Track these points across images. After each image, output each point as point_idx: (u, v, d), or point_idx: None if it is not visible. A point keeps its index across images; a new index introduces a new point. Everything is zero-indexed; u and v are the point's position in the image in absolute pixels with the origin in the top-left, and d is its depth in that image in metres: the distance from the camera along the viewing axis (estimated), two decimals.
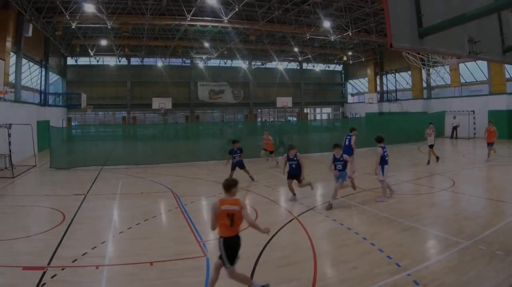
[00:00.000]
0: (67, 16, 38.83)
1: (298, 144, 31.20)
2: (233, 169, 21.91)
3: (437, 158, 27.48)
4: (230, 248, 8.64)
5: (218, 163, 29.12)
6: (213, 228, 8.78)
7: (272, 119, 75.07)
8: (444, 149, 37.37)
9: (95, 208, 16.94)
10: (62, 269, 9.91)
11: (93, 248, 11.55)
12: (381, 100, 66.31)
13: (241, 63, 70.78)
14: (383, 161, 17.69)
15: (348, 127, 27.33)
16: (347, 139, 23.63)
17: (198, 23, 46.79)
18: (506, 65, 42.02)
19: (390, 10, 5.71)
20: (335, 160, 16.66)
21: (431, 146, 27.29)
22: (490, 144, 27.48)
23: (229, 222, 8.64)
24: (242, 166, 22.35)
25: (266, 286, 8.79)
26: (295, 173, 17.66)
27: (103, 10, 38.04)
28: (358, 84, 77.04)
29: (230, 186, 9.12)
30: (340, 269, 10.06)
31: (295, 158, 17.47)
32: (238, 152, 22.13)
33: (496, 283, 8.92)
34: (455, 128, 47.62)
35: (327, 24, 44.71)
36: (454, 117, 47.92)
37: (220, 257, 8.52)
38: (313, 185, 18.35)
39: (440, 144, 40.10)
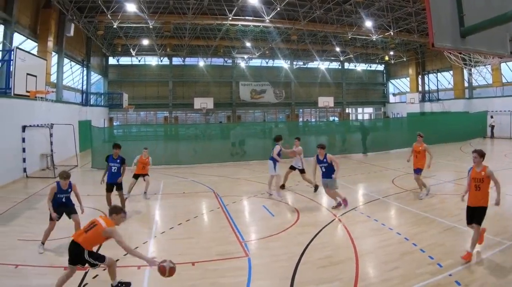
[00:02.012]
0: (108, 15, 39.07)
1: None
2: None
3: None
4: None
5: (260, 163, 29.01)
6: None
7: (314, 119, 74.84)
8: (485, 149, 36.62)
9: (137, 208, 17.04)
10: (104, 270, 9.80)
11: (135, 248, 11.30)
12: (422, 100, 65.68)
13: (282, 63, 70.39)
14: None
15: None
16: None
17: (240, 23, 46.84)
18: None
19: (431, 9, 5.61)
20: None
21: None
22: None
23: None
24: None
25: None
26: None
27: (144, 9, 38.01)
28: (400, 84, 76.32)
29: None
30: (382, 269, 10.09)
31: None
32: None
33: None
34: (492, 128, 47.35)
35: (368, 23, 44.24)
36: (491, 117, 47.74)
37: None
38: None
39: (481, 144, 40.35)
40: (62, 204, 12.20)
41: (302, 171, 20.11)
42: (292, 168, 20.37)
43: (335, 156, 16.39)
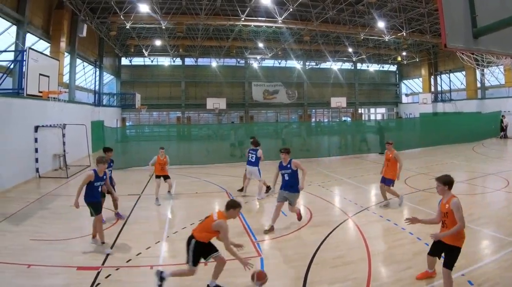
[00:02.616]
0: (121, 16, 39.25)
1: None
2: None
3: None
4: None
5: (272, 163, 29.05)
6: None
7: (327, 120, 74.98)
8: (497, 149, 36.91)
9: (149, 208, 17.13)
10: (117, 269, 10.07)
11: (147, 248, 11.77)
12: (435, 100, 65.47)
13: (295, 64, 70.40)
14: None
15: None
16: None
17: (252, 23, 46.72)
18: None
19: (444, 10, 5.60)
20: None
21: None
22: None
23: None
24: None
25: None
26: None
27: (157, 10, 38.14)
28: (412, 85, 76.14)
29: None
30: (394, 269, 10.08)
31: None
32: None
33: None
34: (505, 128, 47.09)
35: (381, 24, 44.15)
36: (503, 117, 47.56)
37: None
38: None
39: (495, 144, 40.42)
40: (99, 194, 12.22)
41: None
42: None
43: (300, 160, 15.51)
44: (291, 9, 37.69)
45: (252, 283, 8.24)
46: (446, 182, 8.71)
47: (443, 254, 8.74)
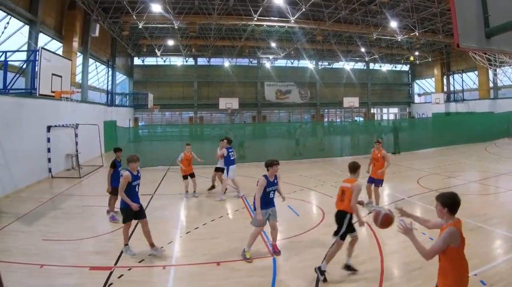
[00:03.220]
0: (134, 16, 39.36)
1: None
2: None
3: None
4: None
5: (285, 163, 29.05)
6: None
7: (339, 120, 75.14)
8: (510, 149, 36.66)
9: (162, 208, 17.10)
10: (129, 269, 10.11)
11: (161, 247, 11.63)
12: (447, 100, 65.37)
13: (307, 63, 70.44)
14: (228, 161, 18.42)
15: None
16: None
17: (265, 23, 46.71)
18: None
19: (457, 10, 5.64)
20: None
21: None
22: None
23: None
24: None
25: None
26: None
27: (170, 10, 38.22)
28: (425, 84, 75.93)
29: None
30: (406, 269, 10.12)
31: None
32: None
33: None
34: None
35: (394, 24, 44.06)
36: None
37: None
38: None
39: (508, 144, 40.47)
40: (136, 198, 11.54)
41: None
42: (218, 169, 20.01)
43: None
44: (303, 9, 37.62)
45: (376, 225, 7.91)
46: (446, 204, 6.39)
47: None
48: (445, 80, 68.05)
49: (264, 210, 11.25)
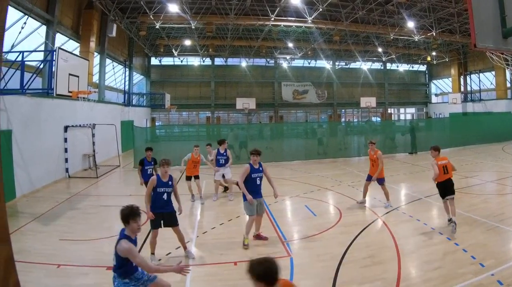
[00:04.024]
0: (151, 16, 39.34)
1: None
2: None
3: None
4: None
5: (302, 163, 29.01)
6: None
7: (356, 120, 74.81)
8: None
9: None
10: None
11: (177, 248, 11.79)
12: (465, 100, 65.06)
13: (325, 63, 70.31)
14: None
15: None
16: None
17: (282, 23, 46.65)
18: None
19: (474, 11, 5.67)
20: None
21: None
22: None
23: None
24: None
25: None
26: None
27: (187, 10, 38.29)
28: (442, 85, 75.46)
29: None
30: (424, 269, 10.03)
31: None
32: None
33: None
34: None
35: (411, 24, 43.83)
36: None
37: None
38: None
39: None
40: (162, 204, 11.16)
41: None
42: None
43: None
44: (320, 9, 37.39)
45: None
46: (260, 276, 4.72)
47: None
48: (462, 80, 67.65)
49: (254, 199, 12.15)
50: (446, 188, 13.37)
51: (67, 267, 10.34)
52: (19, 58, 19.75)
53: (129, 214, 7.85)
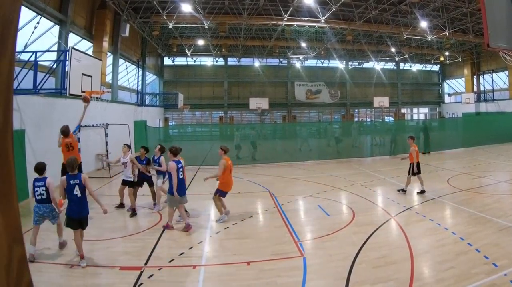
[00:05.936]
0: (164, 16, 39.42)
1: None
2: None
3: None
4: None
5: (315, 163, 29.03)
6: None
7: (370, 119, 74.77)
8: None
9: (192, 207, 17.04)
10: (159, 269, 10.21)
11: (190, 248, 11.91)
12: (478, 100, 64.93)
13: (338, 63, 70.33)
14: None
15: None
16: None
17: (295, 23, 46.63)
18: None
19: (487, 11, 5.73)
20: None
21: None
22: None
23: None
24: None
25: None
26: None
27: (200, 10, 38.39)
28: (455, 84, 75.29)
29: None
30: (437, 269, 10.00)
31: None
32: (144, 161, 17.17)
33: None
34: None
35: (424, 24, 43.70)
36: None
37: None
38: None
39: None
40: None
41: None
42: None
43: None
44: (333, 9, 37.41)
45: None
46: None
47: None
48: (475, 80, 67.50)
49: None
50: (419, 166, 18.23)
51: (80, 267, 10.35)
52: (32, 58, 19.85)
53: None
